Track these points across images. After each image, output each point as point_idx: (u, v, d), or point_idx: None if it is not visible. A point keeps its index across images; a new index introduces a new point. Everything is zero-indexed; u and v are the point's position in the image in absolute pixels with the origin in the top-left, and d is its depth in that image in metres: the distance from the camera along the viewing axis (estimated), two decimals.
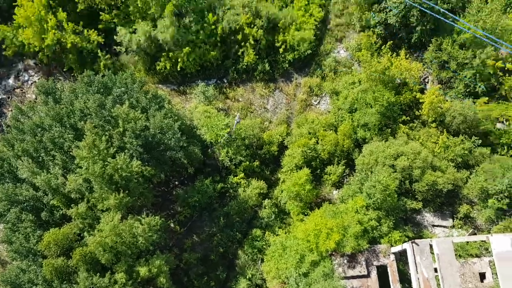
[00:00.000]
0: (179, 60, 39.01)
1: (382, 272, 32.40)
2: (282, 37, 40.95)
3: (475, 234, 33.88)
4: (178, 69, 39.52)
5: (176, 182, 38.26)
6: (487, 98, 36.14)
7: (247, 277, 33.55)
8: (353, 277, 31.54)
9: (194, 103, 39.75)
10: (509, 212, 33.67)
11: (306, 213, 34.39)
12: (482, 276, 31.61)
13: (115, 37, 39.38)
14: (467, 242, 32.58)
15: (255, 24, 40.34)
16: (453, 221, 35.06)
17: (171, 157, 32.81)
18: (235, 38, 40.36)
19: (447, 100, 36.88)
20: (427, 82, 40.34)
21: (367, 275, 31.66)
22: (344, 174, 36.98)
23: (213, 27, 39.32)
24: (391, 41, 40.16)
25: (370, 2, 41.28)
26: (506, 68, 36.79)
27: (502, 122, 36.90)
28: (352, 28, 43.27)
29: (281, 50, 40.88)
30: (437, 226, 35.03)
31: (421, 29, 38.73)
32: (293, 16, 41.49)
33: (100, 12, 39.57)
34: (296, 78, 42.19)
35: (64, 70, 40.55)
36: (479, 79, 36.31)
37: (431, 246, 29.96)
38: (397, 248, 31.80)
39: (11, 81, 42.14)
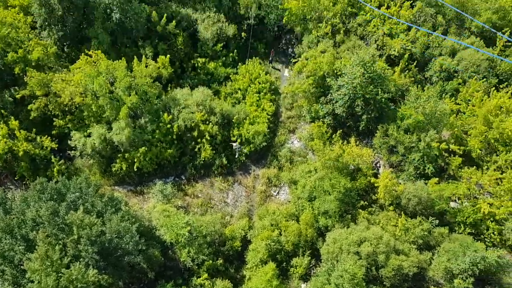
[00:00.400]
0: (135, 160, 38.78)
1: None
2: (237, 131, 42.08)
3: None
4: (135, 169, 39.13)
5: None
6: (437, 178, 37.70)
7: None
8: None
9: (152, 202, 38.91)
10: None
11: None
12: None
13: (69, 141, 38.96)
14: None
15: (210, 120, 41.43)
16: None
17: (130, 262, 31.15)
18: (191, 135, 40.99)
19: (400, 183, 38.15)
20: (379, 167, 41.89)
21: None
22: (311, 265, 36.23)
23: (168, 126, 39.95)
24: (341, 130, 42.12)
25: (317, 96, 43.79)
26: (450, 149, 39.06)
27: (455, 200, 38.30)
28: (303, 119, 45.28)
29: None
30: None
31: (366, 117, 40.99)
32: (246, 111, 43.13)
33: (54, 118, 39.47)
34: (254, 170, 42.70)
35: (16, 178, 39.12)
36: (427, 161, 38.15)
37: None
38: None
39: None
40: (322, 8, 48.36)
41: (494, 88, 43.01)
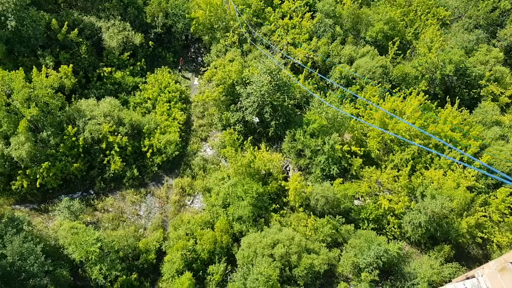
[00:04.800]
0: (38, 176, 36.48)
1: None
2: (148, 141, 41.30)
3: None
4: (38, 186, 36.79)
5: None
6: (341, 179, 40.14)
7: None
8: None
9: (58, 220, 36.72)
10: (381, 283, 36.39)
11: None
12: None
13: None
14: None
15: (119, 131, 40.26)
16: None
17: (35, 286, 29.26)
18: (99, 147, 39.50)
19: (308, 185, 40.04)
20: (289, 170, 43.61)
21: None
22: (227, 271, 36.47)
23: (74, 138, 38.14)
24: (252, 136, 43.18)
25: (227, 103, 44.52)
26: (352, 151, 41.81)
27: (358, 198, 41.05)
28: (215, 127, 45.71)
29: (148, 154, 40.93)
30: None
31: (275, 123, 42.58)
32: (157, 121, 42.57)
33: None
34: (167, 180, 42.18)
35: None
36: (331, 163, 40.45)
37: None
38: None
39: None
40: (229, 18, 49.41)
41: (388, 92, 46.87)
